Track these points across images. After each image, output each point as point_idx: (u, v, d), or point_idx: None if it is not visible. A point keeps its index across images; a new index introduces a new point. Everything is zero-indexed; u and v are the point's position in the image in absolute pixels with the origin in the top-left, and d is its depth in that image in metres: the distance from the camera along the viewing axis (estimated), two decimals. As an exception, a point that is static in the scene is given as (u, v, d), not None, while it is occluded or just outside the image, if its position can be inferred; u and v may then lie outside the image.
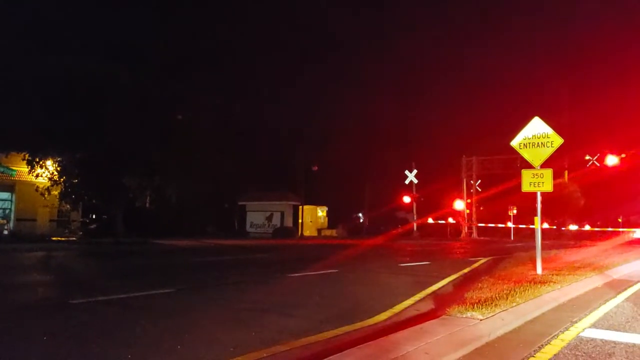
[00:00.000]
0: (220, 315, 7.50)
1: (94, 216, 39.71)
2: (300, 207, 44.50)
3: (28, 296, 9.32)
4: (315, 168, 45.76)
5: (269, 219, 44.82)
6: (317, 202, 47.40)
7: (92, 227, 35.52)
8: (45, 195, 30.76)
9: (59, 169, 30.84)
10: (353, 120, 55.46)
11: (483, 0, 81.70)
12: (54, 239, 28.78)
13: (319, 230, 47.22)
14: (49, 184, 30.80)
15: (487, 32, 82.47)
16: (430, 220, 49.38)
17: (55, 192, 31.17)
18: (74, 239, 30.23)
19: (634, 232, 42.08)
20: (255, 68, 60.36)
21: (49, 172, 30.82)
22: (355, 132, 51.57)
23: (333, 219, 50.07)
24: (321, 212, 48.43)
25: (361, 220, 57.29)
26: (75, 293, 9.24)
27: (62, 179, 30.87)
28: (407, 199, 50.04)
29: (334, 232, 48.17)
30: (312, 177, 45.29)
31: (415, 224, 49.50)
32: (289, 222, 44.41)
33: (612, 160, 40.23)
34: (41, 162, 30.58)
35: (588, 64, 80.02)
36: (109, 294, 8.91)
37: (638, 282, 11.87)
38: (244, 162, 43.13)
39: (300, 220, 44.34)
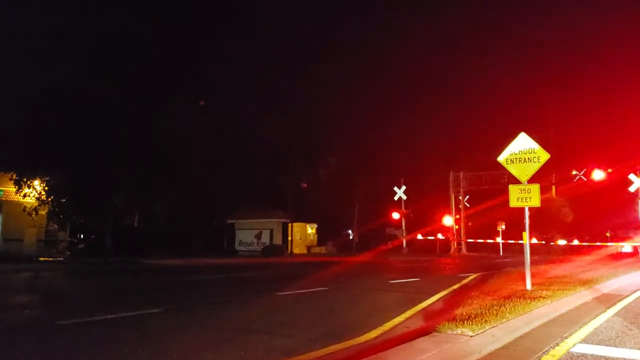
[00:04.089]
0: (208, 334, 7.43)
1: (82, 236, 39.41)
2: (290, 224, 44.36)
3: (14, 317, 9.19)
4: (305, 185, 45.70)
5: (258, 236, 44.61)
6: (307, 219, 47.27)
7: (80, 246, 35.21)
8: (33, 215, 30.48)
9: (46, 188, 30.62)
10: (342, 137, 55.57)
11: (470, 16, 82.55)
12: (41, 259, 28.48)
13: (309, 248, 47.04)
14: (36, 203, 30.55)
15: (474, 47, 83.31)
16: (419, 236, 49.32)
17: (43, 212, 30.91)
18: (62, 259, 29.93)
19: (623, 246, 42.23)
20: (242, 85, 60.49)
21: (36, 191, 30.60)
22: (344, 149, 51.58)
23: (322, 236, 49.92)
24: (311, 229, 48.29)
25: (351, 237, 57.12)
26: (61, 314, 9.13)
27: (49, 199, 30.64)
28: (396, 215, 50.03)
29: (323, 249, 48.00)
30: (301, 194, 45.22)
31: (404, 240, 49.45)
32: (278, 240, 44.23)
33: (598, 175, 40.49)
34: (29, 182, 30.37)
35: (575, 80, 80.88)
36: (95, 315, 8.80)
37: (627, 296, 11.90)
38: (233, 180, 43.00)
39: (289, 238, 44.18)
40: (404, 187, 49.22)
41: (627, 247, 41.21)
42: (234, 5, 66.05)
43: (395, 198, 49.65)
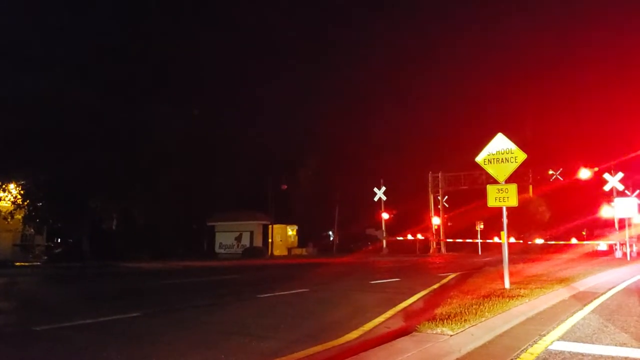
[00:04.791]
0: (188, 338, 7.38)
1: (59, 240, 38.91)
2: (270, 226, 44.28)
3: (-11, 324, 9.04)
4: (284, 187, 45.65)
5: (239, 239, 44.47)
6: (287, 221, 47.25)
7: (58, 251, 34.76)
8: (9, 220, 30.05)
9: (22, 192, 30.19)
10: (322, 139, 55.67)
11: (447, 19, 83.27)
12: (17, 264, 28.08)
13: (289, 250, 47.02)
14: (12, 207, 30.11)
15: (451, 49, 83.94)
16: (399, 237, 49.58)
17: (19, 216, 30.49)
18: (39, 263, 29.55)
19: (599, 244, 42.86)
20: (223, 89, 60.30)
21: (12, 195, 30.14)
22: (324, 151, 51.69)
23: (303, 238, 49.93)
24: (291, 231, 48.27)
25: (331, 239, 57.21)
26: (39, 319, 9.00)
27: (25, 203, 30.21)
28: (376, 217, 50.23)
29: (304, 251, 48.01)
30: (281, 196, 45.17)
31: (384, 241, 49.62)
32: (258, 242, 44.12)
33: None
34: (4, 186, 29.91)
35: (551, 81, 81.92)
36: (73, 320, 8.70)
37: (603, 293, 12.08)
38: (212, 183, 42.81)
39: (270, 240, 44.11)
40: (383, 188, 49.40)
41: (602, 245, 41.81)
42: (215, 13, 65.88)
43: (375, 199, 49.82)
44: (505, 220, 12.34)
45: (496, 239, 41.58)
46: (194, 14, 62.99)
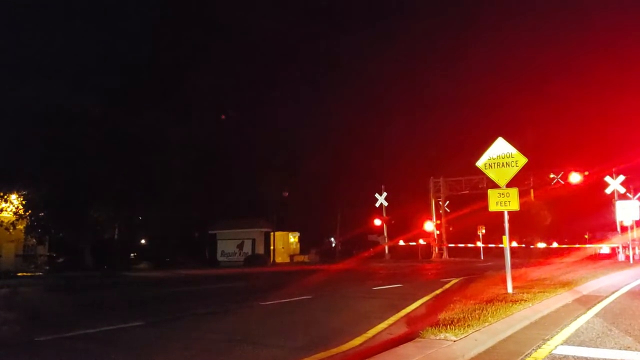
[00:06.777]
0: (191, 347, 7.36)
1: (61, 250, 38.87)
2: (272, 233, 44.25)
3: (-8, 335, 9.02)
4: (286, 194, 45.65)
5: (240, 246, 44.44)
6: (289, 228, 47.20)
7: (60, 261, 34.71)
8: (11, 230, 30.01)
9: (24, 202, 30.19)
10: (322, 145, 55.74)
11: (445, 21, 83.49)
12: (19, 274, 28.04)
13: (291, 257, 46.95)
14: (14, 218, 30.09)
15: (450, 54, 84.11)
16: (401, 242, 49.51)
17: (21, 227, 30.47)
18: (41, 273, 29.51)
19: (601, 247, 42.80)
20: (223, 95, 60.36)
21: (13, 206, 30.13)
22: (325, 157, 51.72)
23: (305, 245, 49.87)
24: (293, 237, 48.23)
25: (333, 245, 57.15)
26: (40, 330, 8.99)
27: (27, 213, 30.21)
28: (377, 222, 50.19)
29: (306, 258, 47.93)
30: (283, 203, 45.15)
31: (386, 247, 49.53)
32: (260, 249, 44.08)
33: (575, 177, 40.88)
34: (5, 197, 29.91)
35: (552, 84, 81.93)
36: (76, 330, 8.68)
37: (607, 297, 12.05)
38: (213, 190, 42.81)
39: (272, 247, 44.06)
40: (385, 194, 49.37)
41: (605, 248, 41.76)
42: (218, 16, 66.07)
43: (377, 205, 49.80)
44: (506, 225, 12.32)
45: (499, 244, 41.53)
46: (195, 21, 63.20)
